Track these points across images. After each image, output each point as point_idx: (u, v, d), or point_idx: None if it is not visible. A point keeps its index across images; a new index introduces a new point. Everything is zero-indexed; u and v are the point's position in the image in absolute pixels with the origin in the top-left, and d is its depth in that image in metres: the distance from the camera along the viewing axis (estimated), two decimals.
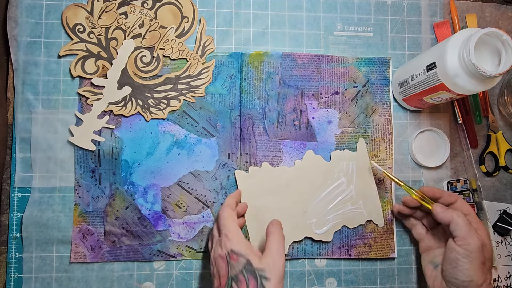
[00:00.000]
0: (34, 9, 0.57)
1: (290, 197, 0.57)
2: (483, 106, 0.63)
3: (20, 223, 0.55)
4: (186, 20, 0.59)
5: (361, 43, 0.62)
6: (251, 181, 0.57)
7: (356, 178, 0.59)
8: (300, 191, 0.58)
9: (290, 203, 0.57)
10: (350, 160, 0.59)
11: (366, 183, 0.59)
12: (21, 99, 0.56)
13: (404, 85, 0.57)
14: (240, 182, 0.57)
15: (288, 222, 0.56)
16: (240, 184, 0.57)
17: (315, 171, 0.58)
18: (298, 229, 0.57)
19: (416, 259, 0.60)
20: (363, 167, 0.59)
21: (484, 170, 0.62)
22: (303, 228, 0.57)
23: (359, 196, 0.58)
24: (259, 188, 0.57)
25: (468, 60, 0.45)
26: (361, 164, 0.59)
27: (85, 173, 0.56)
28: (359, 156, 0.59)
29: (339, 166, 0.59)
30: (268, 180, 0.57)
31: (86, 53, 0.56)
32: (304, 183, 0.58)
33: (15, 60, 0.56)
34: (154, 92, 0.57)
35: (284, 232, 0.50)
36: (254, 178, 0.57)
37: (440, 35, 0.62)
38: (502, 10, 0.64)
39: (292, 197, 0.57)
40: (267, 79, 0.59)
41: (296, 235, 0.57)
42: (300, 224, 0.57)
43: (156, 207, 0.56)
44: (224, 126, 0.58)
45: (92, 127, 0.56)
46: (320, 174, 0.58)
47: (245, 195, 0.57)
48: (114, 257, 0.55)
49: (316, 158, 0.58)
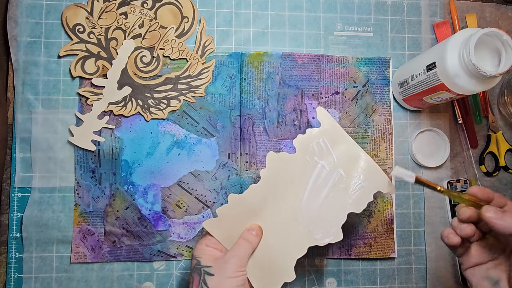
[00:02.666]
0: (34, 9, 0.57)
1: (274, 213, 0.49)
2: (483, 106, 0.63)
3: (20, 223, 0.55)
4: (186, 20, 0.59)
5: (361, 43, 0.62)
6: (224, 224, 0.48)
7: (335, 153, 0.49)
8: (282, 202, 0.49)
9: (277, 220, 0.48)
10: (318, 137, 0.50)
11: (348, 151, 0.49)
12: (21, 99, 0.56)
13: (404, 85, 0.57)
14: (214, 232, 0.47)
15: (284, 242, 0.48)
16: (215, 233, 0.48)
17: (286, 170, 0.49)
18: (298, 243, 0.48)
19: (416, 259, 0.60)
20: (335, 136, 0.50)
21: (484, 170, 0.62)
22: (302, 239, 0.48)
23: (350, 170, 0.49)
24: (236, 225, 0.48)
25: (468, 60, 0.45)
26: (332, 135, 0.50)
27: (85, 173, 0.56)
28: (325, 128, 0.50)
29: (308, 151, 0.49)
30: (242, 211, 0.48)
31: (86, 53, 0.56)
32: (281, 190, 0.49)
33: (15, 60, 0.56)
34: (154, 92, 0.57)
35: (285, 253, 0.47)
36: (226, 218, 0.48)
37: (440, 35, 0.62)
38: (502, 10, 0.64)
39: (276, 212, 0.49)
40: (267, 79, 0.59)
41: (299, 251, 0.48)
42: (298, 237, 0.48)
43: (156, 207, 0.56)
44: (224, 126, 0.58)
45: (92, 127, 0.56)
46: (294, 171, 0.49)
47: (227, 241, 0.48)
48: (114, 257, 0.55)
49: (280, 156, 0.49)
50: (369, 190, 0.49)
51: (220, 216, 0.48)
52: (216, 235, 0.47)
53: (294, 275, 0.47)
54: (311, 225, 0.48)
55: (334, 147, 0.50)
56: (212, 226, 0.48)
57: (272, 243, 0.48)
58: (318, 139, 0.50)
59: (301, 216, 0.48)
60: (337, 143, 0.50)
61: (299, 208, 0.49)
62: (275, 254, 0.48)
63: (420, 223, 0.60)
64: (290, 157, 0.49)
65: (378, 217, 0.59)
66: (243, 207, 0.48)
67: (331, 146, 0.50)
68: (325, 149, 0.50)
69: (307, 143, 0.50)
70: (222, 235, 0.48)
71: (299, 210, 0.49)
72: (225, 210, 0.48)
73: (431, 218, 0.60)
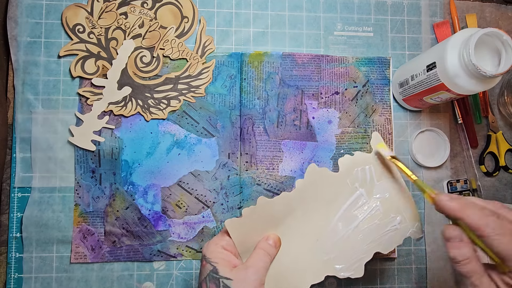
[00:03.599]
0: (34, 9, 0.57)
1: (298, 228, 0.46)
2: (483, 106, 0.63)
3: (20, 223, 0.55)
4: (186, 20, 0.59)
5: (361, 43, 0.62)
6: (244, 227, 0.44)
7: (378, 184, 0.46)
8: (309, 218, 0.46)
9: (300, 236, 0.45)
10: (364, 163, 0.47)
11: (392, 188, 0.46)
12: (21, 99, 0.56)
13: (404, 85, 0.57)
14: (233, 233, 0.44)
15: (302, 262, 0.45)
16: (233, 234, 0.44)
17: (323, 187, 0.46)
18: (315, 267, 0.45)
19: (416, 259, 0.60)
20: (384, 167, 0.47)
21: (484, 170, 0.62)
22: (321, 265, 0.45)
23: (388, 208, 0.46)
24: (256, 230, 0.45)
25: (468, 60, 0.45)
26: (381, 165, 0.47)
27: (85, 173, 0.56)
28: (376, 156, 0.47)
29: (352, 174, 0.46)
30: (267, 216, 0.45)
31: (86, 53, 0.56)
32: (312, 206, 0.46)
33: (15, 60, 0.56)
34: (154, 92, 0.57)
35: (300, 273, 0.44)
36: (249, 220, 0.45)
37: (440, 35, 0.62)
38: (502, 10, 0.64)
39: (301, 227, 0.46)
40: (267, 79, 0.59)
41: (315, 276, 0.44)
42: (317, 261, 0.45)
43: (156, 207, 0.56)
44: (224, 126, 0.58)
45: (92, 127, 0.56)
46: (331, 190, 0.46)
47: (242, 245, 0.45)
48: (114, 257, 0.55)
49: (320, 170, 0.46)
50: (402, 234, 0.46)
51: (244, 217, 0.45)
52: (234, 236, 0.44)
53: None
54: (334, 252, 0.45)
55: (380, 179, 0.47)
56: (234, 226, 0.44)
57: (289, 260, 0.45)
58: (365, 165, 0.46)
59: (325, 240, 0.45)
60: (384, 175, 0.46)
61: (325, 231, 0.45)
62: (289, 272, 0.45)
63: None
64: (330, 175, 0.47)
65: None
66: (270, 213, 0.45)
67: (376, 177, 0.46)
68: (369, 178, 0.46)
69: (353, 166, 0.47)
70: (239, 238, 0.44)
71: (325, 232, 0.45)
72: (251, 212, 0.45)
73: (431, 218, 0.60)
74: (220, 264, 0.41)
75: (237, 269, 0.41)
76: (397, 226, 0.46)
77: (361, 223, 0.46)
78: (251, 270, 0.41)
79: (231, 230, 0.44)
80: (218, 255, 0.42)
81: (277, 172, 0.58)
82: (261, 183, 0.58)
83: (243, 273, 0.41)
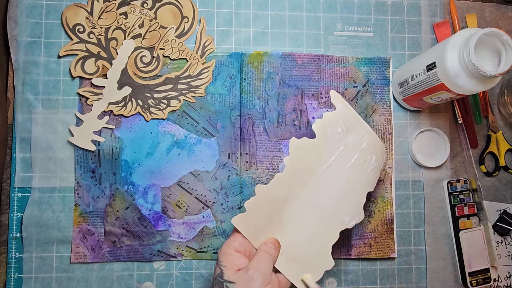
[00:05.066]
0: (34, 9, 0.57)
1: (301, 201, 0.48)
2: (483, 106, 0.63)
3: (20, 223, 0.55)
4: (186, 20, 0.59)
5: (361, 43, 0.62)
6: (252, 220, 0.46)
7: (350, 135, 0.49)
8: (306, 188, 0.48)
9: (305, 208, 0.47)
10: (334, 120, 0.49)
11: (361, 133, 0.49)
12: (21, 99, 0.56)
13: (404, 85, 0.57)
14: (243, 229, 0.45)
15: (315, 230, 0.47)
16: (243, 230, 0.45)
17: (308, 157, 0.48)
18: (328, 229, 0.48)
19: (416, 259, 0.60)
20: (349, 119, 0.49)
21: (484, 170, 0.62)
22: (332, 225, 0.48)
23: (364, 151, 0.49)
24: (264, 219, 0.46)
25: (468, 60, 0.45)
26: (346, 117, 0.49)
27: (85, 173, 0.56)
28: (339, 111, 0.49)
29: (327, 134, 0.48)
30: (269, 202, 0.47)
31: (86, 53, 0.56)
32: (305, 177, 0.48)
33: (15, 60, 0.56)
34: (154, 92, 0.57)
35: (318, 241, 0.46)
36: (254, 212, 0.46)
37: (440, 35, 0.62)
38: (502, 10, 0.64)
39: (303, 200, 0.48)
40: (267, 79, 0.59)
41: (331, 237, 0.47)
42: (327, 223, 0.48)
43: (156, 207, 0.56)
44: (224, 126, 0.58)
45: (92, 127, 0.56)
46: (315, 157, 0.48)
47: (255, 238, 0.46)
48: (115, 257, 0.55)
49: (301, 142, 0.48)
50: (379, 167, 0.50)
51: (248, 210, 0.46)
52: (244, 232, 0.45)
53: (333, 262, 0.47)
54: (337, 209, 0.48)
55: (350, 130, 0.49)
56: (241, 222, 0.45)
57: (303, 233, 0.47)
58: (335, 122, 0.48)
59: (326, 201, 0.48)
60: (352, 125, 0.49)
61: (324, 194, 0.48)
62: (308, 244, 0.47)
63: (420, 223, 0.60)
64: (311, 143, 0.48)
65: (378, 217, 0.59)
66: (270, 198, 0.46)
67: (347, 129, 0.48)
68: (342, 132, 0.48)
69: (326, 127, 0.48)
70: (250, 232, 0.45)
71: (324, 195, 0.48)
72: (253, 203, 0.46)
73: (431, 218, 0.60)
74: (227, 268, 0.42)
75: (240, 272, 0.41)
76: (374, 163, 0.49)
77: (348, 174, 0.48)
78: (253, 272, 0.41)
79: (240, 227, 0.45)
80: (228, 258, 0.43)
81: (277, 172, 0.58)
82: (261, 183, 0.58)
83: (245, 275, 0.41)
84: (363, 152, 0.49)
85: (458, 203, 0.60)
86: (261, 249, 0.44)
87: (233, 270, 0.42)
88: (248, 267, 0.42)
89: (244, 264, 0.43)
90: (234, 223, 0.45)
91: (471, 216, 0.59)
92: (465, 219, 0.59)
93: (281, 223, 0.47)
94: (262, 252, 0.44)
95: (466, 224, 0.59)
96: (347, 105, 0.50)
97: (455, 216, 0.59)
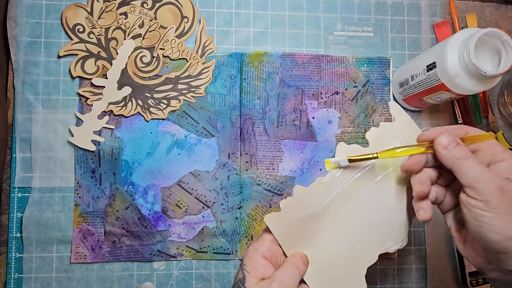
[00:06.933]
0: (34, 9, 0.57)
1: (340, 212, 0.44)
2: (483, 106, 0.63)
3: (20, 223, 0.55)
4: (186, 20, 0.59)
5: (361, 43, 0.62)
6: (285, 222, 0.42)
7: None
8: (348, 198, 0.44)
9: (344, 222, 0.44)
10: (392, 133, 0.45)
11: None
12: (21, 99, 0.56)
13: (404, 85, 0.57)
14: (274, 229, 0.42)
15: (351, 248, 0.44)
16: (275, 230, 0.42)
17: (356, 165, 0.44)
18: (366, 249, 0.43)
19: (416, 259, 0.60)
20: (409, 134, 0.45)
21: None
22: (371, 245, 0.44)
23: None
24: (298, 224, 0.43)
25: (468, 60, 0.45)
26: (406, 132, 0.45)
27: (85, 173, 0.56)
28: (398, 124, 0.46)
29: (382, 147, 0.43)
30: (306, 206, 0.43)
31: (86, 53, 0.56)
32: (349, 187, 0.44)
33: (15, 60, 0.56)
34: (154, 92, 0.57)
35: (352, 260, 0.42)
36: (289, 213, 0.42)
37: (440, 35, 0.62)
38: (502, 10, 0.64)
39: (343, 212, 0.44)
40: (267, 79, 0.59)
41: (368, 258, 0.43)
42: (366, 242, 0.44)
43: (156, 207, 0.56)
44: (224, 126, 0.58)
45: (92, 127, 0.56)
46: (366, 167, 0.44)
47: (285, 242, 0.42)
48: (115, 257, 0.55)
49: (351, 148, 0.44)
50: None
51: (283, 209, 0.42)
52: (276, 233, 0.42)
53: (366, 285, 0.43)
54: (381, 228, 0.44)
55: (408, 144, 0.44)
56: (274, 221, 0.42)
57: (338, 248, 0.43)
58: (394, 135, 0.44)
59: (371, 219, 0.44)
60: (411, 141, 0.44)
61: (370, 210, 0.44)
62: (342, 260, 0.43)
63: (420, 223, 0.60)
64: (362, 151, 0.44)
65: None
66: (308, 202, 0.43)
67: (406, 143, 0.44)
68: (400, 145, 0.43)
69: (382, 137, 0.44)
70: (281, 234, 0.42)
71: (370, 211, 0.44)
72: (290, 203, 0.43)
73: None
74: (250, 274, 0.39)
75: (263, 283, 0.38)
76: None
77: (399, 192, 0.44)
78: (277, 286, 0.38)
79: (272, 226, 0.42)
80: (253, 263, 0.40)
81: (277, 172, 0.58)
82: (261, 183, 0.58)
83: None
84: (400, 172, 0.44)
85: None
86: (289, 261, 0.41)
87: (257, 278, 0.39)
88: (273, 279, 0.38)
89: (269, 273, 0.39)
90: (266, 221, 0.42)
91: None
92: None
93: (318, 232, 0.43)
94: (290, 264, 0.40)
95: None
96: (408, 118, 0.46)
97: None
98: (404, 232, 0.44)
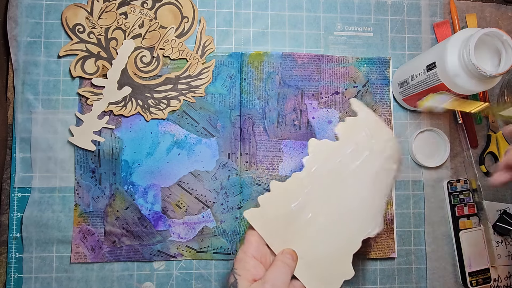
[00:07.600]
0: (34, 9, 0.57)
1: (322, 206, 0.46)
2: None
3: (20, 223, 0.55)
4: (186, 20, 0.59)
5: (361, 43, 0.62)
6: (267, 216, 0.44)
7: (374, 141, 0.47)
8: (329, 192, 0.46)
9: (326, 213, 0.45)
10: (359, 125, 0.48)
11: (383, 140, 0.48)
12: (21, 99, 0.56)
13: (404, 85, 0.57)
14: (256, 224, 0.43)
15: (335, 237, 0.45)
16: (256, 225, 0.43)
17: (330, 159, 0.47)
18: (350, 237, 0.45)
19: (416, 259, 0.60)
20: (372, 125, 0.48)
21: (484, 170, 0.62)
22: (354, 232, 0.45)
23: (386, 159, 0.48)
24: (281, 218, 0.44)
25: (468, 60, 0.45)
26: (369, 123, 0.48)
27: (85, 173, 0.56)
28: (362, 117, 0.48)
29: (351, 139, 0.47)
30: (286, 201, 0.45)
31: (86, 53, 0.56)
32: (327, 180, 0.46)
33: (15, 60, 0.56)
34: (154, 92, 0.57)
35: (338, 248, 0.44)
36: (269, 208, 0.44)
37: (440, 35, 0.62)
38: (502, 10, 0.64)
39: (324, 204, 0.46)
40: (267, 79, 0.59)
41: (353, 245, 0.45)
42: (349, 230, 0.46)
43: (156, 207, 0.56)
44: (224, 126, 0.58)
45: (92, 127, 0.56)
46: (338, 160, 0.47)
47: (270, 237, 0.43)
48: (115, 257, 0.55)
49: (322, 143, 0.47)
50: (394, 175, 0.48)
51: (262, 205, 0.44)
52: (257, 227, 0.43)
53: (353, 271, 0.45)
54: (361, 216, 0.46)
55: (374, 136, 0.47)
56: (254, 216, 0.43)
57: (324, 238, 0.45)
58: (360, 127, 0.47)
59: (350, 207, 0.46)
60: (375, 131, 0.47)
61: (348, 198, 0.46)
62: (328, 250, 0.45)
63: (420, 223, 0.60)
64: (333, 146, 0.47)
65: None
66: (286, 195, 0.45)
67: (371, 134, 0.47)
68: (366, 136, 0.47)
69: (349, 131, 0.47)
70: (264, 229, 0.43)
71: (348, 200, 0.46)
72: (267, 198, 0.44)
73: (431, 218, 0.60)
74: (242, 278, 0.39)
75: (255, 284, 0.39)
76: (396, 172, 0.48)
77: (375, 180, 0.46)
78: (270, 286, 0.38)
79: (252, 220, 0.43)
80: (244, 265, 0.40)
81: (277, 172, 0.58)
82: (261, 183, 0.58)
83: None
84: (387, 159, 0.47)
85: (458, 203, 0.60)
86: (279, 259, 0.41)
87: (248, 280, 0.39)
88: (265, 279, 0.39)
89: (260, 274, 0.40)
90: (246, 215, 0.43)
91: (471, 216, 0.60)
92: (465, 219, 0.59)
93: (301, 226, 0.45)
94: (280, 263, 0.41)
95: (466, 224, 0.59)
96: (370, 111, 0.49)
97: (455, 216, 0.59)
98: (379, 216, 0.46)
